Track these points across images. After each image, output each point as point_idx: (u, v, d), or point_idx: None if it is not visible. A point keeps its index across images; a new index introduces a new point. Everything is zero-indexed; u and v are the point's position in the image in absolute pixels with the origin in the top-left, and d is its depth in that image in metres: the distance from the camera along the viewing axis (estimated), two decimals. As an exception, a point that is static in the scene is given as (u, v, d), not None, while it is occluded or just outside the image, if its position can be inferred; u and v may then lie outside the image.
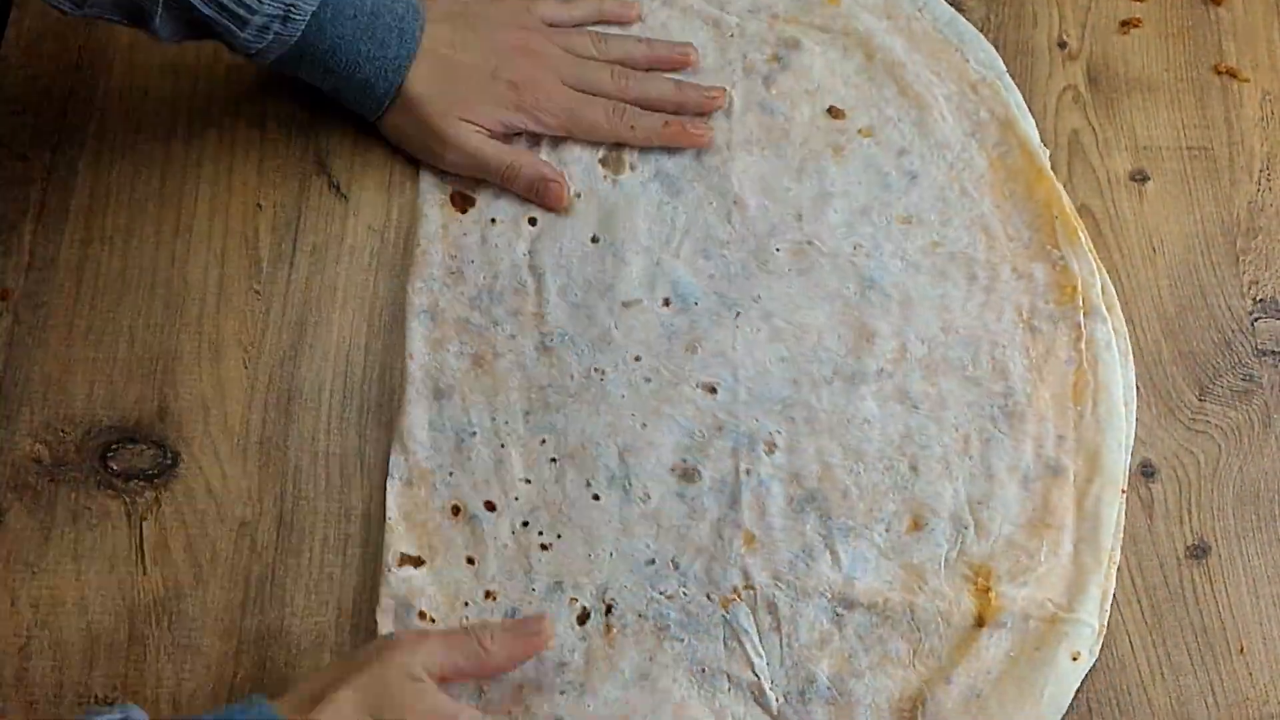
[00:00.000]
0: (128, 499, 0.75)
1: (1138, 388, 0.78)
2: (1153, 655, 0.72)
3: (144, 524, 0.75)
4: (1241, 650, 0.73)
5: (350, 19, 0.79)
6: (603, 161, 0.84)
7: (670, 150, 0.84)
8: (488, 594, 0.73)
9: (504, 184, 0.82)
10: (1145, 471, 0.77)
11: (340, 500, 0.76)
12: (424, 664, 0.65)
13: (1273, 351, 0.80)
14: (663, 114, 0.84)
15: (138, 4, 0.75)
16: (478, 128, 0.82)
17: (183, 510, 0.75)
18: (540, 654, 0.70)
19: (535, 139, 0.84)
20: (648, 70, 0.85)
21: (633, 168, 0.83)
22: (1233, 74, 0.88)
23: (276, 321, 0.80)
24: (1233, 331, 0.80)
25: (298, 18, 0.77)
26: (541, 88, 0.83)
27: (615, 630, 0.72)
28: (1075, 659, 0.70)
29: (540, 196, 0.82)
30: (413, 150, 0.84)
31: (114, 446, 0.77)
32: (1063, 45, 0.89)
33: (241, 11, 0.76)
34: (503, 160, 0.82)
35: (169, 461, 0.76)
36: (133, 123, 0.85)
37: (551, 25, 0.86)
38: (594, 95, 0.83)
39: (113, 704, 0.69)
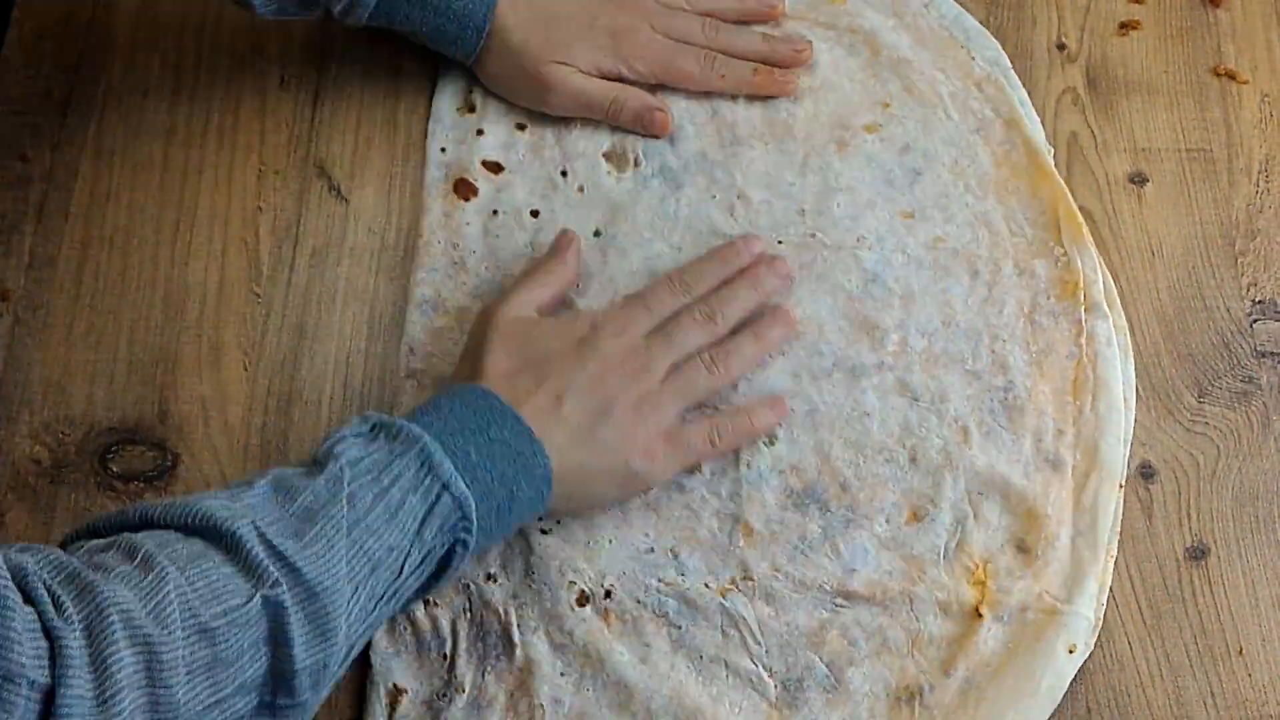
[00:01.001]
0: (128, 501, 0.75)
1: (1137, 389, 0.78)
2: (1152, 656, 0.73)
3: (144, 525, 0.75)
4: (1240, 651, 0.73)
5: None
6: (607, 156, 0.84)
7: (674, 145, 0.84)
8: (488, 576, 0.73)
9: (608, 119, 0.84)
10: (1144, 473, 0.77)
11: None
12: (526, 306, 0.74)
13: (1271, 353, 0.80)
14: (751, 64, 0.85)
15: None
16: (575, 69, 0.83)
17: (183, 511, 0.75)
18: (540, 637, 0.71)
19: (539, 139, 0.85)
20: (736, 22, 0.87)
21: (637, 164, 0.84)
22: (1232, 76, 0.88)
23: (277, 324, 0.80)
24: (1231, 333, 0.80)
25: None
26: (637, 36, 0.84)
27: (614, 616, 0.72)
28: (1072, 651, 0.70)
29: (647, 126, 0.84)
30: (511, 95, 0.85)
31: (114, 448, 0.77)
32: (1062, 47, 0.89)
33: None
34: (607, 96, 0.84)
35: (169, 463, 0.76)
36: (133, 123, 0.85)
37: None
38: (685, 44, 0.85)
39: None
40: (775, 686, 0.70)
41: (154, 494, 0.75)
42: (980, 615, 0.71)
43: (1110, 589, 0.73)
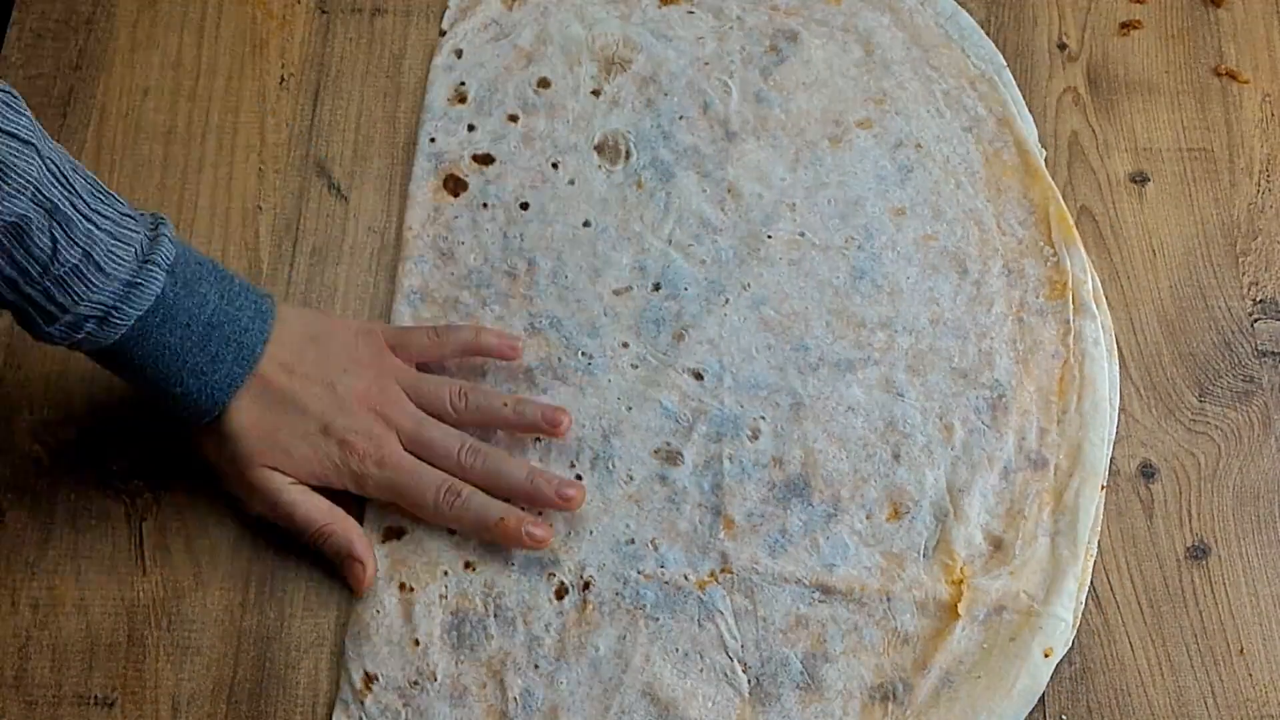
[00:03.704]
0: (127, 499, 0.75)
1: (1138, 389, 0.78)
2: (1153, 656, 0.72)
3: (144, 524, 0.75)
4: (1241, 651, 0.73)
5: (183, 326, 0.69)
6: (598, 149, 0.84)
7: (667, 138, 0.84)
8: (467, 565, 0.73)
9: (310, 546, 0.73)
10: (1145, 472, 0.77)
11: (340, 500, 0.76)
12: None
13: (1272, 353, 0.80)
14: (502, 504, 0.73)
15: None
16: (287, 479, 0.72)
17: (183, 511, 0.75)
18: (516, 628, 0.71)
19: (531, 130, 0.85)
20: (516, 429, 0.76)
21: (628, 156, 0.84)
22: (1233, 76, 0.88)
23: (277, 323, 0.80)
24: (1233, 333, 0.80)
25: (118, 321, 0.67)
26: (372, 455, 0.72)
27: (592, 607, 0.72)
28: (1048, 655, 0.70)
29: (342, 571, 0.73)
30: (221, 478, 0.74)
31: (114, 447, 0.77)
32: (1062, 47, 0.89)
33: (52, 309, 0.65)
34: (312, 524, 0.72)
35: (169, 462, 0.76)
36: (133, 123, 0.85)
37: (418, 364, 0.77)
38: (431, 465, 0.74)
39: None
40: (749, 681, 0.71)
41: (153, 492, 0.75)
42: (957, 614, 0.71)
43: (1110, 589, 0.73)
